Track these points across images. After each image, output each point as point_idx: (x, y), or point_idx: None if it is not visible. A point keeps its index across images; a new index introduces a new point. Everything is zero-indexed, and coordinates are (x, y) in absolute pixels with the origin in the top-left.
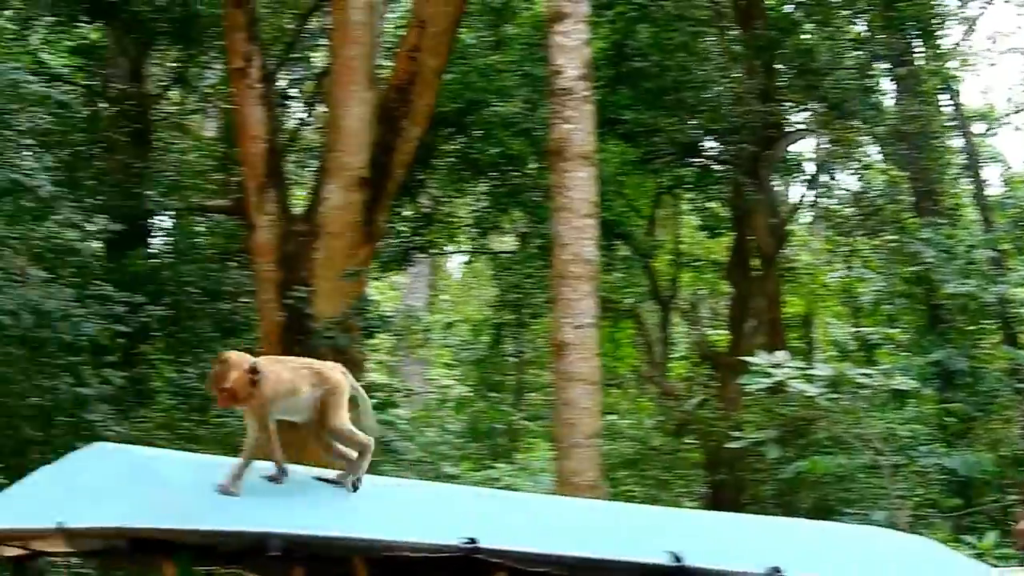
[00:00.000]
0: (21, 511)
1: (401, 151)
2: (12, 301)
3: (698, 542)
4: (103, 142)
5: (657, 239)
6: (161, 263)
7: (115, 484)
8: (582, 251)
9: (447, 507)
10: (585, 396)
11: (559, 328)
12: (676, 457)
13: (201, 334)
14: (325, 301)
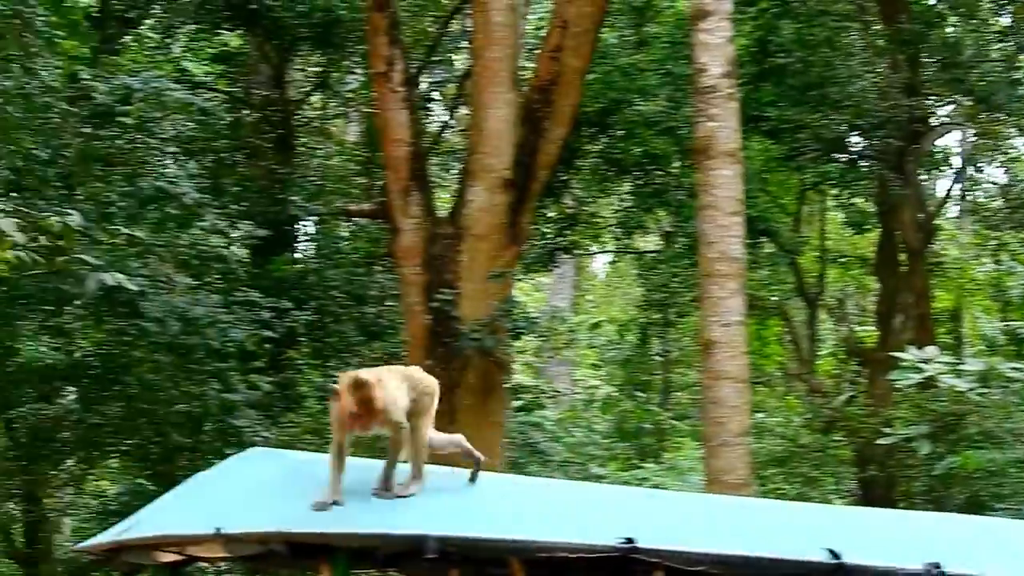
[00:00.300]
0: (179, 517)
1: (545, 152)
2: (159, 308)
3: (855, 539)
4: (246, 148)
5: (803, 236)
6: (306, 268)
7: (271, 488)
8: (728, 249)
9: (601, 507)
10: (734, 394)
11: (707, 326)
12: (825, 454)
13: (347, 338)
14: (471, 303)
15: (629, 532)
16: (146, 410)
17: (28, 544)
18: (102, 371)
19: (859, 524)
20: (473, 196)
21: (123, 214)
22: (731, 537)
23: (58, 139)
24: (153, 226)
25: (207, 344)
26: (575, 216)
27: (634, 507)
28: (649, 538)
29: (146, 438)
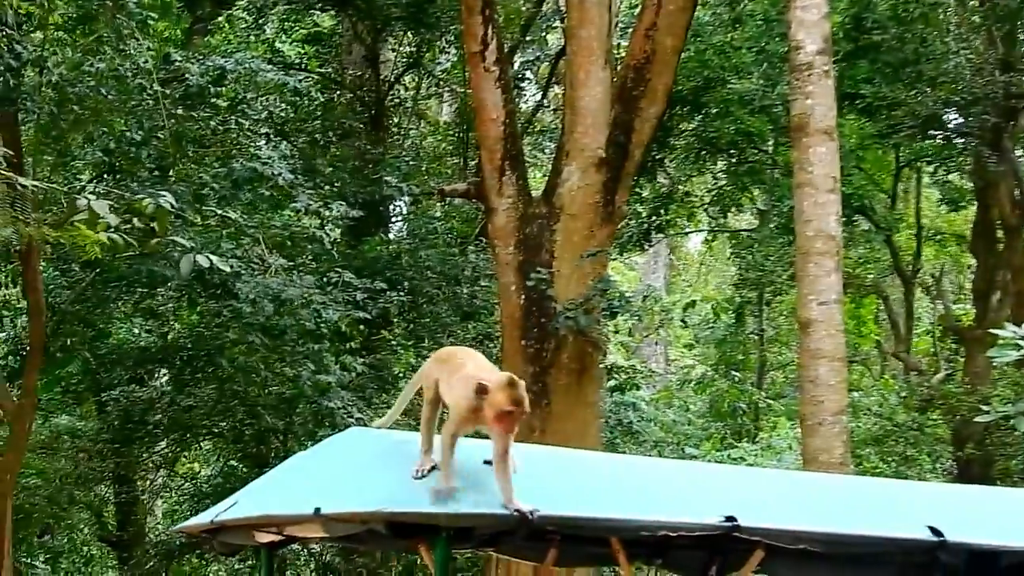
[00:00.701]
0: (278, 497)
1: (639, 131)
2: (252, 290)
3: (957, 516)
4: (339, 129)
5: (898, 213)
6: (400, 248)
7: (370, 468)
8: (825, 227)
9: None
10: (831, 373)
11: (804, 305)
12: (922, 433)
13: (440, 319)
14: (566, 283)
15: (730, 510)
16: (239, 392)
17: (120, 527)
18: (195, 353)
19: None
20: (567, 175)
21: (216, 196)
22: (831, 515)
23: (151, 121)
24: (246, 207)
25: (300, 325)
26: (669, 195)
27: (734, 485)
28: (751, 516)
29: (239, 420)
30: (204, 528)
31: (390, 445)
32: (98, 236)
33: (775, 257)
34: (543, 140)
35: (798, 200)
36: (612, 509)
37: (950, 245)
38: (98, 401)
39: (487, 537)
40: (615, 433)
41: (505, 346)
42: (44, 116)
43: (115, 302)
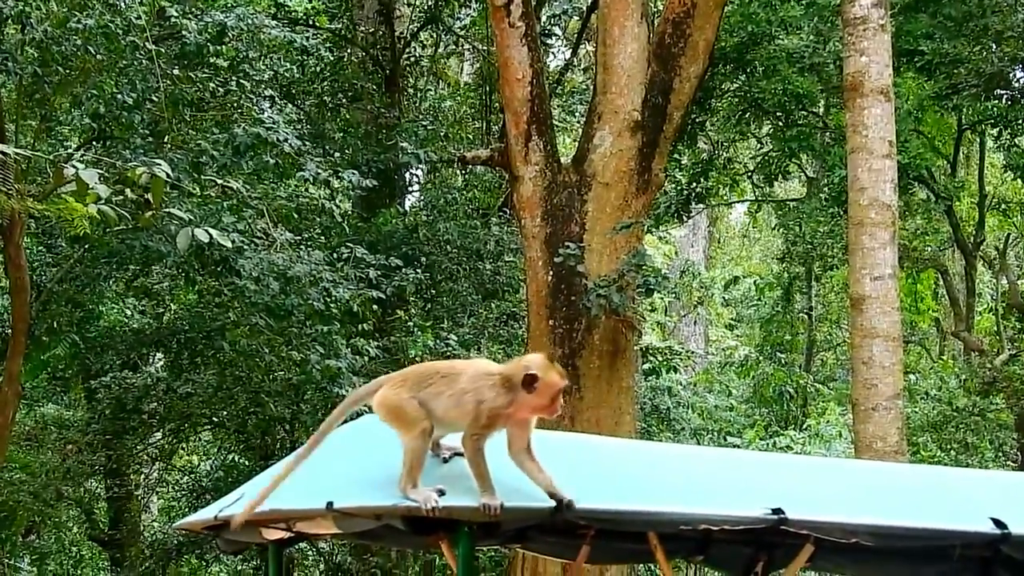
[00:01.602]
0: (287, 491)
1: (678, 92)
2: (256, 266)
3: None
4: (350, 91)
5: (959, 180)
6: (416, 221)
7: (386, 459)
8: (880, 195)
9: (745, 475)
10: (885, 354)
11: (856, 280)
12: (983, 419)
13: (461, 297)
14: (597, 257)
15: (776, 502)
16: (241, 378)
17: (112, 525)
18: (193, 336)
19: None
20: (600, 140)
21: (216, 164)
22: (886, 506)
23: (144, 83)
24: (249, 177)
25: (308, 305)
26: (710, 162)
27: (780, 475)
28: (799, 509)
29: (241, 409)
30: (207, 525)
31: None
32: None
33: (825, 229)
34: (573, 102)
35: (851, 166)
36: (649, 501)
37: (1015, 215)
38: (88, 388)
39: (513, 532)
40: (650, 421)
41: (531, 326)
42: (27, 77)
43: (106, 280)
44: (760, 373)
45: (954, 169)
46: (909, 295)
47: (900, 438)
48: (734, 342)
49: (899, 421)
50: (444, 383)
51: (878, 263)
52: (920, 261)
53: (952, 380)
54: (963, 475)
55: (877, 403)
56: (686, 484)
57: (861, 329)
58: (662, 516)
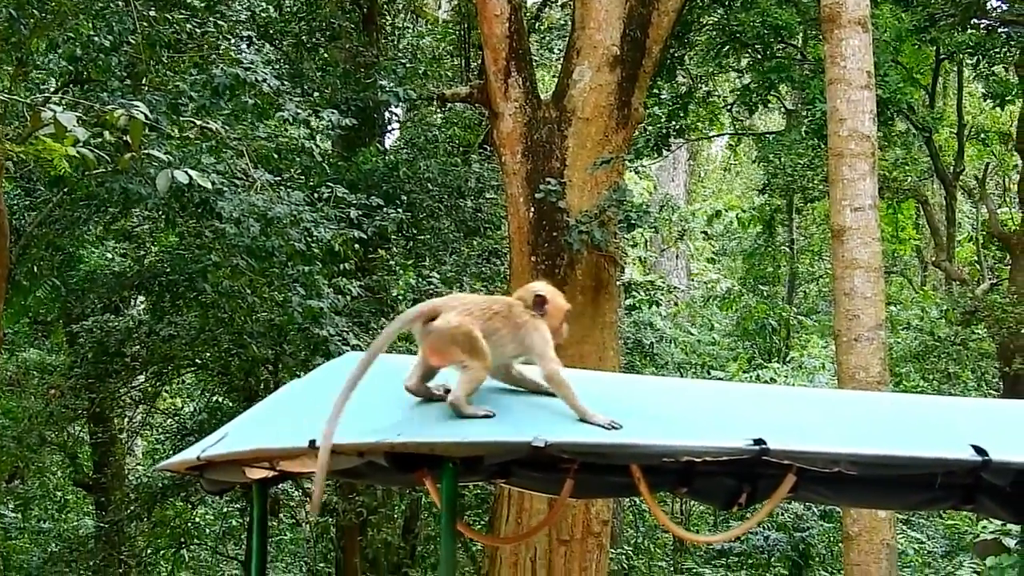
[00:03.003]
0: (269, 430)
1: (657, 25)
2: (236, 208)
3: (1002, 434)
4: (328, 30)
5: (938, 111)
6: (397, 160)
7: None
8: (859, 126)
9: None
10: (867, 284)
11: (837, 211)
12: (965, 348)
13: (443, 235)
14: (578, 193)
15: (759, 433)
16: (224, 320)
17: (96, 469)
18: (175, 278)
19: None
20: (579, 75)
21: (194, 105)
22: (868, 435)
23: (121, 24)
24: (228, 117)
25: (289, 246)
26: (690, 95)
27: (762, 407)
28: (780, 439)
29: (224, 350)
30: (190, 465)
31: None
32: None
33: (805, 161)
34: (552, 38)
35: (830, 97)
36: (632, 434)
37: (994, 144)
38: (69, 332)
39: (496, 468)
40: (633, 356)
41: (514, 263)
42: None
43: (86, 224)
44: (743, 306)
45: (932, 100)
46: (890, 226)
47: (882, 368)
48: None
49: (881, 351)
50: (499, 320)
51: (858, 194)
52: (900, 192)
53: (933, 310)
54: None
55: (859, 334)
56: (668, 416)
57: (842, 260)
58: (645, 448)
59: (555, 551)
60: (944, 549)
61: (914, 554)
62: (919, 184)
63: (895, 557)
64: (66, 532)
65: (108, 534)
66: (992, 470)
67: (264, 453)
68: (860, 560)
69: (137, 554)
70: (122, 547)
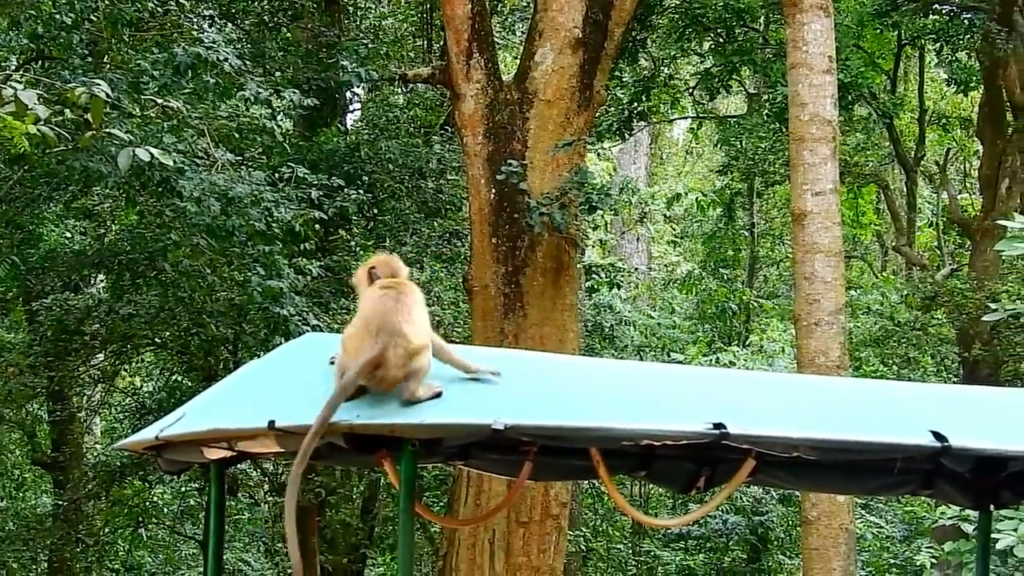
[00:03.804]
0: (228, 410)
1: (619, 8)
2: (197, 187)
3: (961, 420)
4: (290, 9)
5: (900, 96)
6: (358, 140)
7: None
8: (821, 110)
9: (687, 390)
10: (827, 269)
11: (798, 195)
12: (925, 333)
13: (403, 216)
14: (539, 175)
15: (718, 417)
16: (183, 299)
17: (55, 447)
18: (135, 257)
19: (965, 404)
20: (541, 57)
21: (156, 84)
22: (827, 420)
23: (82, 2)
24: (189, 96)
25: (250, 225)
26: (652, 78)
27: (722, 390)
28: (740, 423)
29: (184, 329)
30: (148, 444)
31: None
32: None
33: (767, 144)
34: (514, 20)
35: (792, 81)
36: (591, 417)
37: (955, 130)
38: (29, 310)
39: (456, 450)
40: (593, 338)
41: (474, 245)
42: None
43: (46, 202)
44: (703, 289)
45: (894, 85)
46: (851, 210)
47: (842, 353)
48: (677, 259)
49: (841, 336)
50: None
51: (819, 178)
52: (861, 176)
53: (893, 295)
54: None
55: (819, 318)
56: (628, 399)
57: (803, 244)
58: (604, 432)
59: (514, 533)
60: (902, 534)
61: (872, 539)
62: (880, 169)
63: (853, 542)
64: (24, 510)
65: (66, 513)
66: (951, 456)
67: (222, 433)
68: (819, 544)
69: (95, 533)
70: (80, 526)
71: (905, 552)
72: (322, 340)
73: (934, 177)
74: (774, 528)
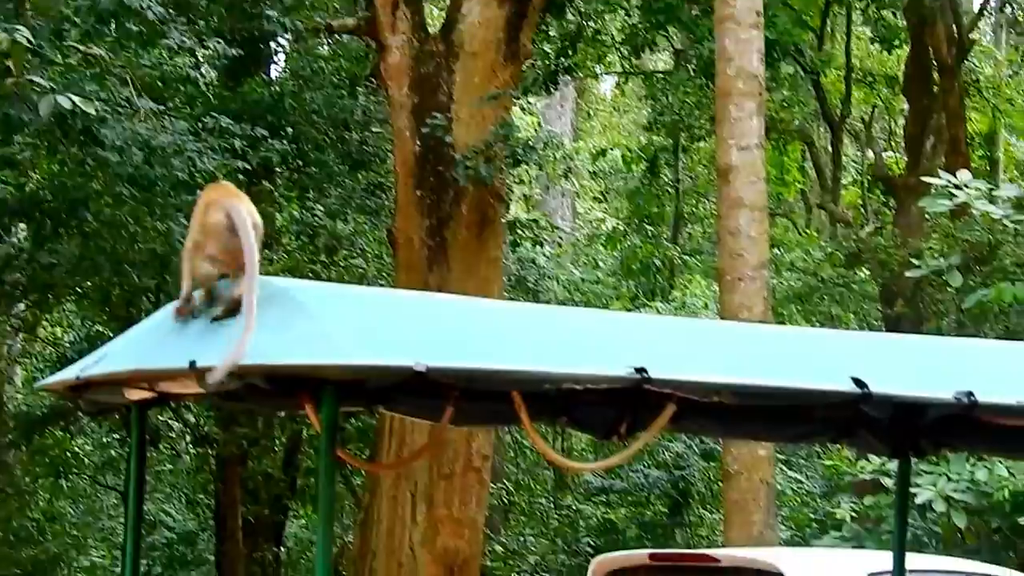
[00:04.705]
0: (150, 350)
1: None
2: (119, 136)
3: (881, 367)
4: None
5: (826, 54)
6: (282, 91)
7: None
8: (747, 65)
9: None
10: (751, 224)
11: (723, 150)
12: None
13: (327, 168)
14: (465, 128)
15: (640, 362)
16: (106, 249)
17: None
18: (56, 206)
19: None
20: (467, 10)
21: (78, 31)
22: (749, 366)
23: None
24: (112, 44)
25: (173, 176)
26: (578, 34)
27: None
28: (661, 368)
29: (106, 279)
30: (69, 384)
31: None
32: None
33: (693, 100)
34: None
35: (718, 36)
36: (513, 360)
37: (881, 88)
38: None
39: (378, 393)
40: (516, 293)
41: (399, 198)
42: None
43: None
44: (627, 246)
45: (821, 42)
46: (776, 167)
47: (765, 308)
48: (602, 215)
49: (765, 291)
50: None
51: (745, 133)
52: (787, 133)
53: (817, 252)
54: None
55: (743, 273)
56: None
57: (728, 199)
58: (526, 375)
59: (436, 485)
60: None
61: (792, 494)
62: (806, 126)
63: (774, 495)
64: None
65: None
66: (871, 402)
67: (144, 374)
68: (739, 498)
69: (15, 483)
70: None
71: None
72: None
73: (860, 135)
74: (695, 483)
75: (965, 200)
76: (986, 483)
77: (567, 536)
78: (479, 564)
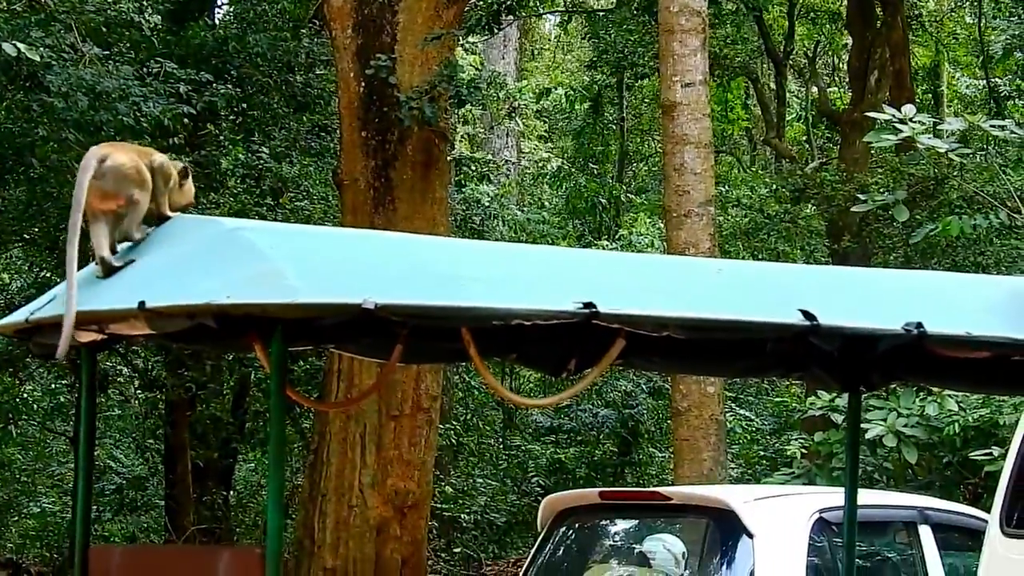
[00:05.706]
0: (99, 292)
1: None
2: (65, 81)
3: (830, 299)
4: None
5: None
6: (226, 34)
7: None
8: (690, 1)
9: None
10: (697, 160)
11: (667, 87)
12: (795, 225)
13: (273, 111)
14: (409, 69)
15: (588, 297)
16: (52, 194)
17: None
18: (2, 152)
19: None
20: None
21: None
22: (697, 300)
23: None
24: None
25: (118, 121)
26: None
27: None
28: (610, 302)
29: (53, 225)
30: (18, 327)
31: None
32: None
33: (636, 38)
34: None
35: None
36: (462, 297)
37: (824, 23)
38: None
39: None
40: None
41: (344, 139)
42: None
43: None
44: (573, 185)
45: None
46: (720, 103)
47: (712, 244)
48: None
49: (711, 227)
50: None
51: (688, 69)
52: (730, 69)
53: (763, 188)
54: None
55: (689, 209)
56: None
57: (672, 136)
58: (475, 311)
59: (385, 427)
60: (772, 427)
61: (742, 431)
62: (749, 63)
63: (724, 433)
64: None
65: None
66: (820, 335)
67: (93, 315)
68: (689, 435)
69: None
70: None
71: (775, 444)
72: (190, 222)
73: (803, 71)
74: (644, 421)
75: (910, 134)
76: (936, 417)
77: (517, 476)
78: (429, 505)
